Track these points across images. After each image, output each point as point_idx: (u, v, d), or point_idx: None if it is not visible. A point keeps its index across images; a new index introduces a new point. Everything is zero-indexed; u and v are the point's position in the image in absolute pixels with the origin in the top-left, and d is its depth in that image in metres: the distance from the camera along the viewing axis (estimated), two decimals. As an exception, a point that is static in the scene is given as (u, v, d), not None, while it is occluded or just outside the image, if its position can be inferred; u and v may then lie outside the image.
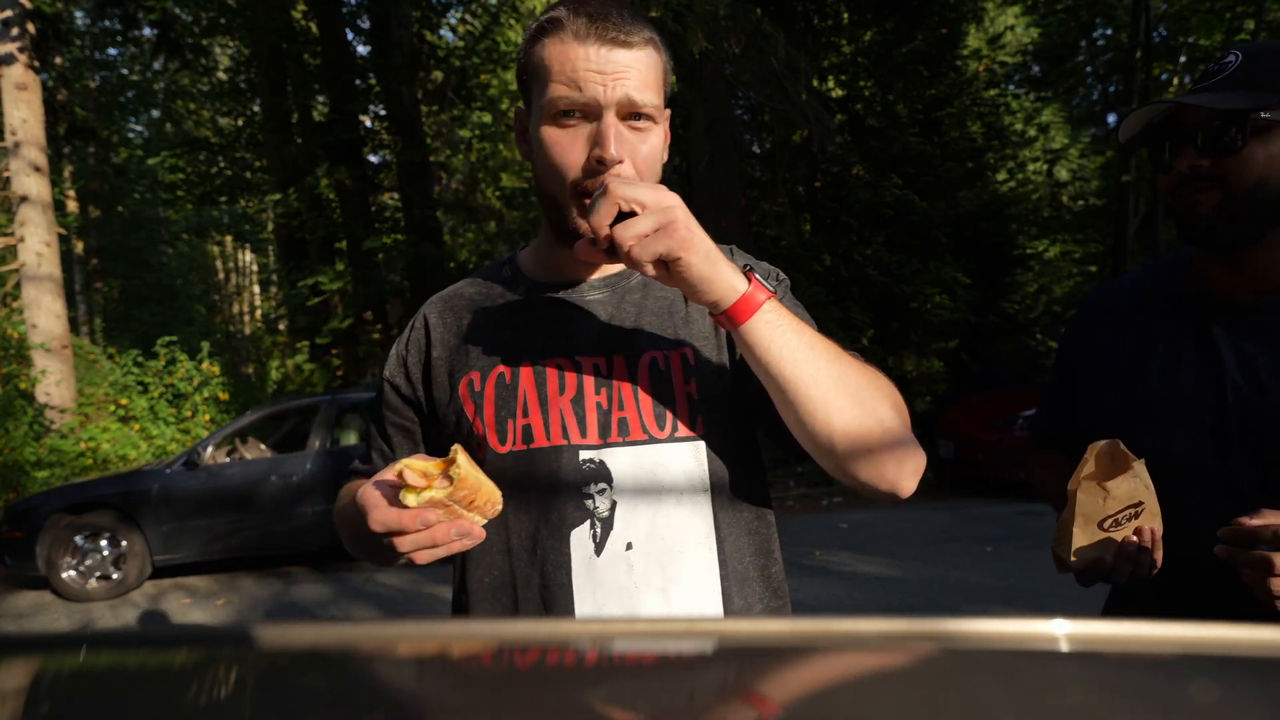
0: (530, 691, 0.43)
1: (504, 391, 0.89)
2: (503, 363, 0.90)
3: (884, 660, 0.44)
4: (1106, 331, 1.09)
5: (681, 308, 0.93)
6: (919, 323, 9.76)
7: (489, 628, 0.57)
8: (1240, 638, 0.43)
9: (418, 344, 0.97)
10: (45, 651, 0.49)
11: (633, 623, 0.68)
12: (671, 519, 0.87)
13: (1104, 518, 0.93)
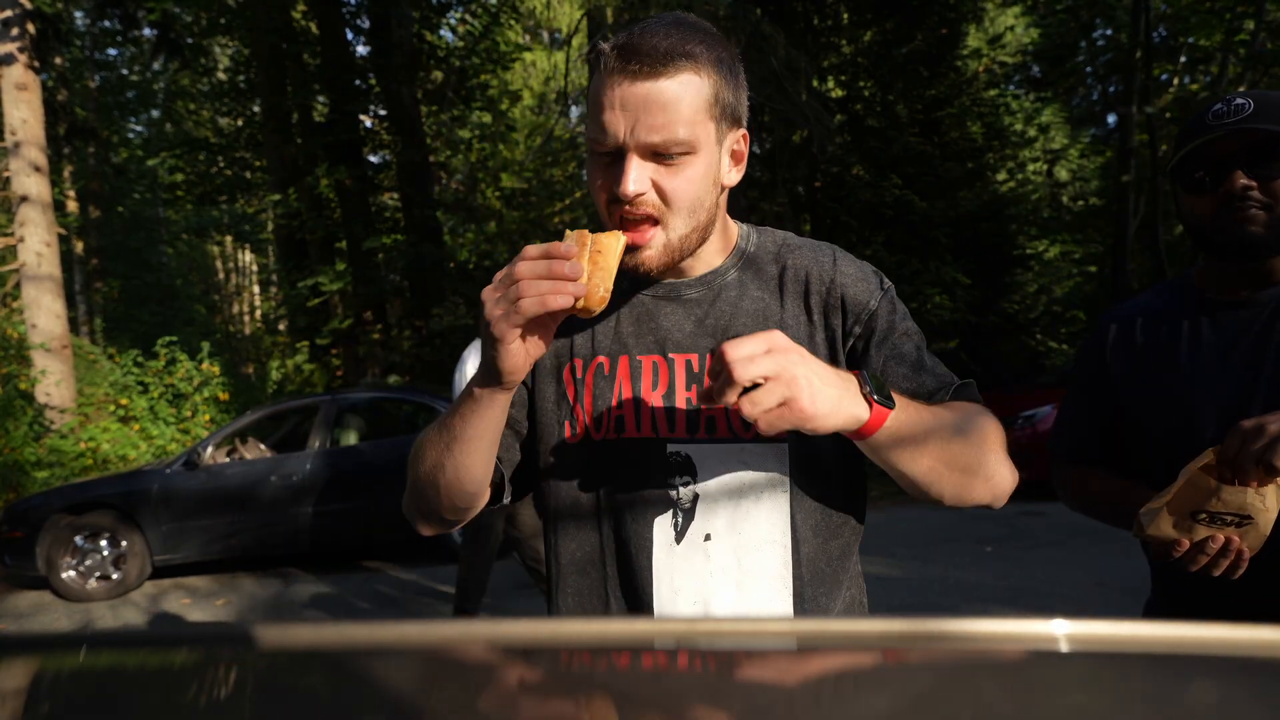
0: (530, 692, 0.43)
1: (602, 382, 0.94)
2: (602, 354, 0.95)
3: (884, 660, 0.44)
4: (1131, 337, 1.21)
5: (776, 310, 0.96)
6: (919, 323, 9.74)
7: (489, 628, 0.57)
8: (1240, 638, 0.43)
9: None
10: (45, 651, 0.49)
11: (631, 623, 0.68)
12: (750, 515, 0.91)
13: (1201, 511, 0.95)
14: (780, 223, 10.35)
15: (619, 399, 0.93)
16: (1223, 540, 0.95)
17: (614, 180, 0.85)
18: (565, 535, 0.98)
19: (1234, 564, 0.97)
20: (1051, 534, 5.47)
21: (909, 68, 10.47)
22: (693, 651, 0.48)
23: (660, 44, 0.81)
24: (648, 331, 0.95)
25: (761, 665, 0.45)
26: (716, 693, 0.42)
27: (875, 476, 4.60)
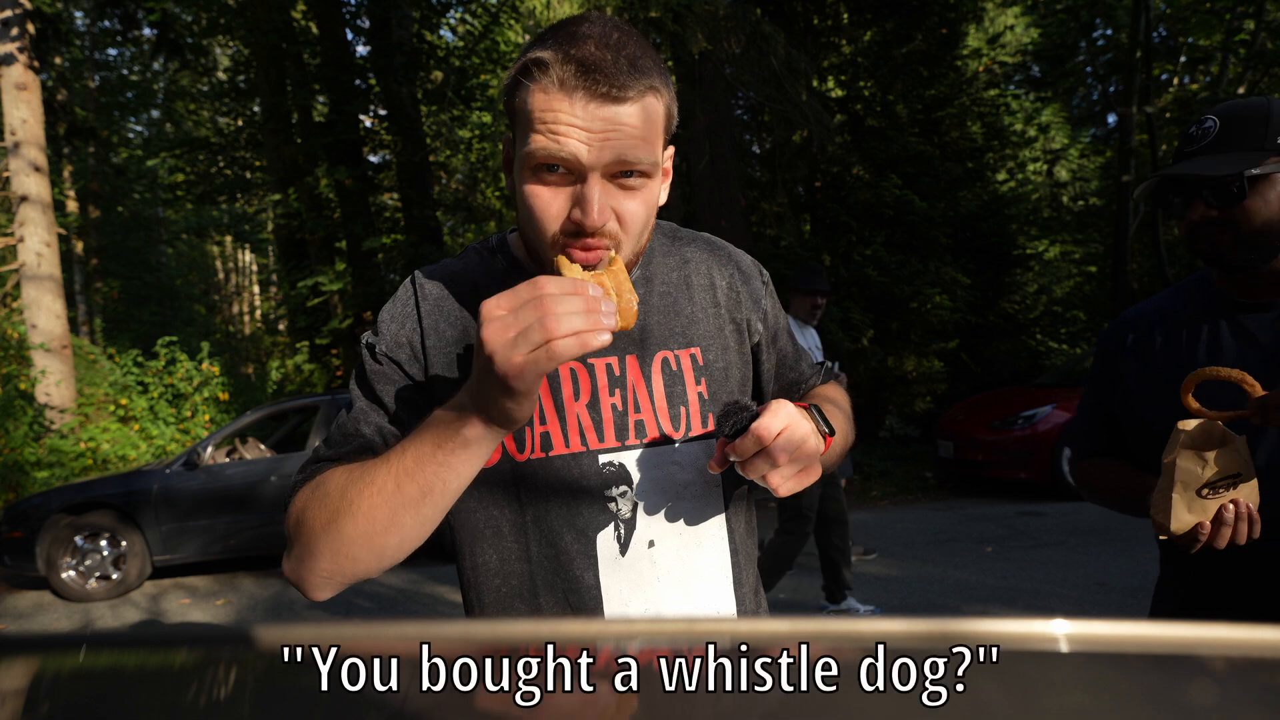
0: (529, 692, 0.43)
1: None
2: None
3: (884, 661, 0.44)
4: (1150, 337, 1.25)
5: (686, 306, 0.94)
6: (919, 323, 9.75)
7: (489, 628, 0.57)
8: (1240, 638, 0.43)
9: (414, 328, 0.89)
10: (45, 651, 0.49)
11: (630, 623, 0.68)
12: (689, 515, 0.91)
13: (1202, 485, 1.01)
14: (780, 223, 10.36)
15: (541, 414, 0.86)
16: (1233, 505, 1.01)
17: (571, 207, 0.78)
18: (486, 568, 0.90)
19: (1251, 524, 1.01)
20: (1051, 534, 5.47)
21: (909, 68, 10.46)
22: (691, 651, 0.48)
23: (621, 62, 0.75)
24: None
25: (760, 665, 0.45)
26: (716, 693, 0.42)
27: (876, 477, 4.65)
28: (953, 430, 7.39)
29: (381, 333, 0.90)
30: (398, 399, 0.88)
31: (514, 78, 0.79)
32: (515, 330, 0.66)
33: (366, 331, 0.93)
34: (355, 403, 0.90)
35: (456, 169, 14.96)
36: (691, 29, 7.28)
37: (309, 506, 0.81)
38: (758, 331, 0.98)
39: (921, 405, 10.28)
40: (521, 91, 0.77)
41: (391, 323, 0.90)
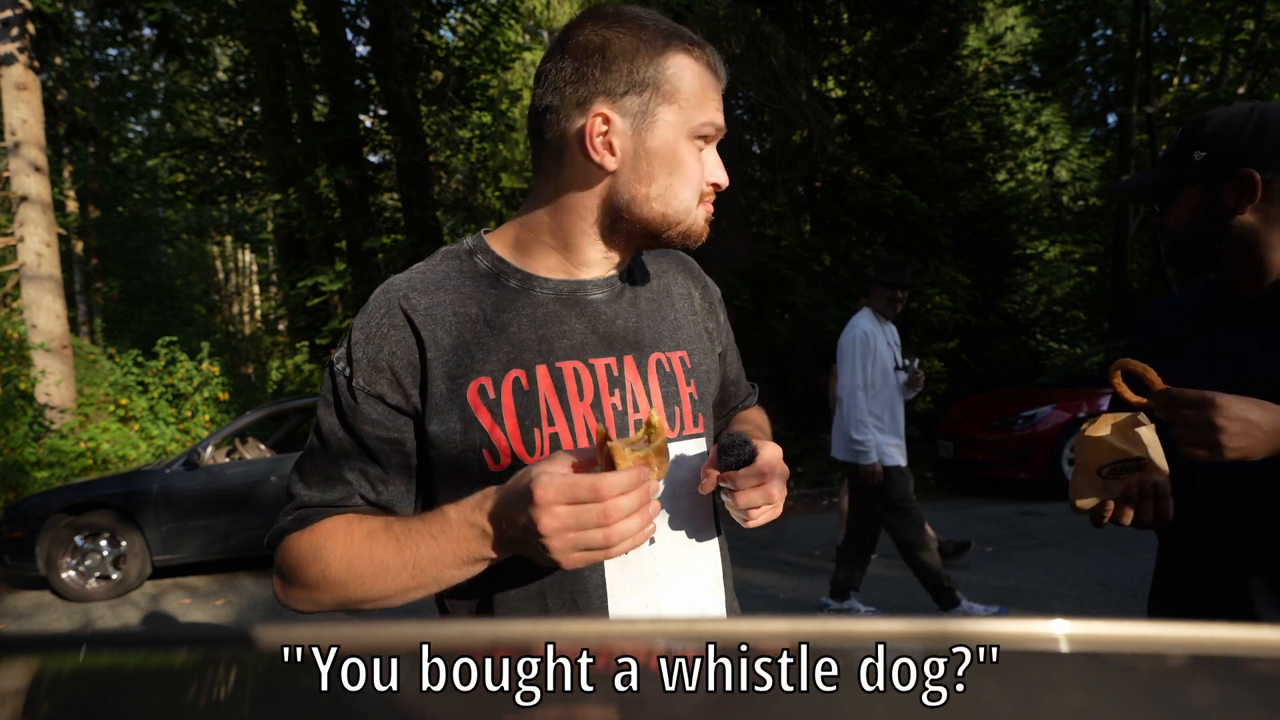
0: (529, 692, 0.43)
1: (523, 399, 0.85)
2: (516, 366, 0.86)
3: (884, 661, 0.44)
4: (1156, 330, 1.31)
5: (671, 312, 0.98)
6: (919, 323, 9.75)
7: (489, 628, 0.57)
8: (1240, 638, 0.43)
9: (405, 344, 0.85)
10: (45, 651, 0.49)
11: (630, 623, 0.68)
12: (686, 513, 0.93)
13: (1100, 466, 1.07)
14: (780, 223, 10.36)
15: (549, 415, 0.86)
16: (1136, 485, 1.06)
17: (707, 170, 0.88)
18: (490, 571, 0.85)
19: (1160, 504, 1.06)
20: (1051, 534, 5.47)
21: (909, 68, 10.46)
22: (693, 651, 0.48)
23: None
24: (560, 335, 0.88)
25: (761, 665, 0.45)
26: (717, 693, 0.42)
27: (875, 476, 4.38)
28: (953, 430, 7.39)
29: (356, 361, 0.86)
30: (379, 440, 0.87)
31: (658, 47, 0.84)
32: (576, 533, 0.71)
33: (335, 354, 0.88)
34: (330, 436, 0.87)
35: (456, 169, 14.96)
36: (691, 29, 7.29)
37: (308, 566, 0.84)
38: (720, 343, 1.06)
39: (921, 405, 10.27)
40: (675, 62, 0.85)
41: (368, 345, 0.85)
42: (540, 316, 0.88)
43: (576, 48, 0.84)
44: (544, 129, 0.88)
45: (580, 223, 0.89)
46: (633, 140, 0.84)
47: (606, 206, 0.87)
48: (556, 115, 0.86)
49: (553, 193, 0.89)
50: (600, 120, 0.84)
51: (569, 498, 0.70)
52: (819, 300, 8.78)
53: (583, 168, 0.86)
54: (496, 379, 0.85)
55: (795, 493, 7.84)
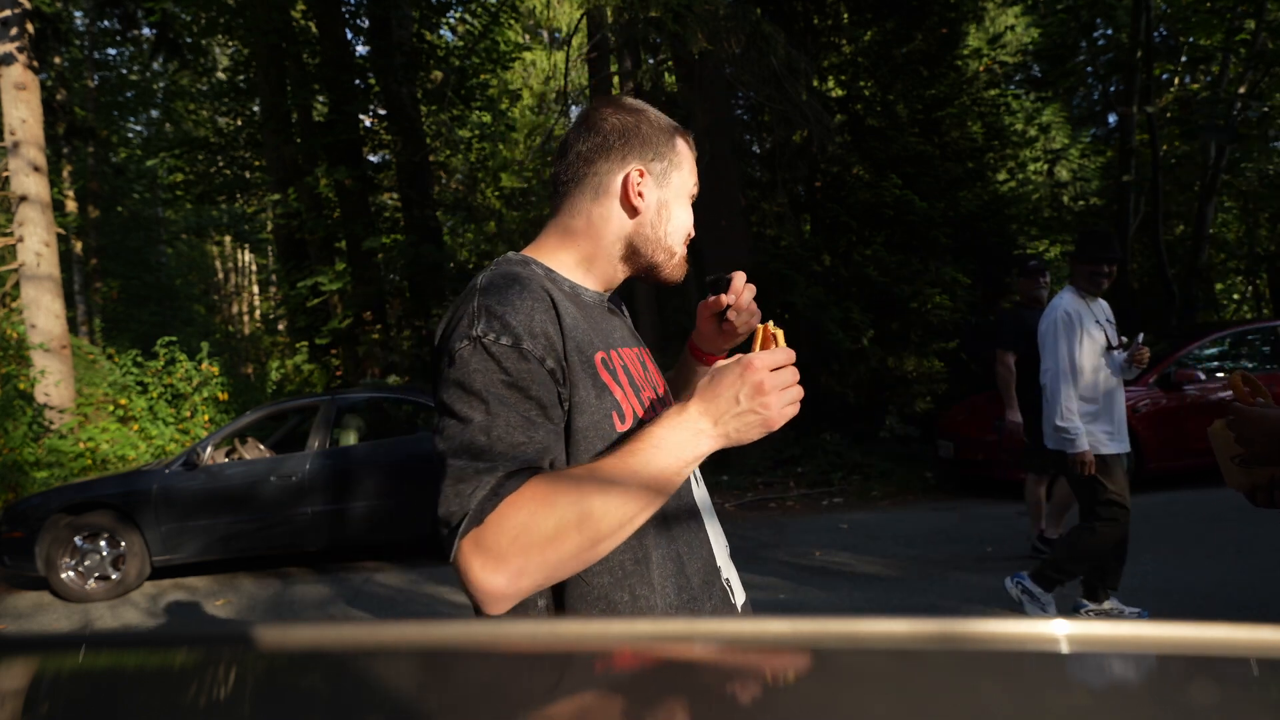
0: (529, 692, 0.43)
1: (625, 370, 1.05)
2: (610, 346, 1.05)
3: (885, 660, 0.44)
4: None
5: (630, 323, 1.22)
6: (919, 323, 9.75)
7: (489, 628, 0.57)
8: (1240, 638, 0.43)
9: (549, 315, 0.96)
10: (45, 651, 0.49)
11: (631, 623, 0.68)
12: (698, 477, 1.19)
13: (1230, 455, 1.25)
14: (780, 223, 10.36)
15: (639, 385, 1.06)
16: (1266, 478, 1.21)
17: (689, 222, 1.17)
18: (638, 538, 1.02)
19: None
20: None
21: (909, 68, 10.46)
22: (695, 651, 0.48)
23: None
24: (614, 329, 1.11)
25: (763, 665, 0.45)
26: (719, 693, 0.42)
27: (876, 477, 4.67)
28: (953, 430, 7.39)
29: (514, 328, 0.93)
30: (553, 401, 0.95)
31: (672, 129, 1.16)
32: (783, 390, 0.90)
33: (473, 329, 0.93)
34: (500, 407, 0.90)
35: (456, 169, 14.96)
36: (691, 29, 7.28)
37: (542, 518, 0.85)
38: None
39: (921, 405, 10.27)
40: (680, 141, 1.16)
41: (517, 314, 0.94)
42: (597, 314, 1.09)
43: (614, 126, 1.10)
44: (583, 181, 1.10)
45: (610, 249, 1.11)
46: (657, 193, 1.12)
47: (630, 241, 1.11)
48: (598, 171, 1.10)
49: (584, 228, 1.11)
50: (638, 174, 1.10)
51: (770, 365, 0.90)
52: (819, 300, 8.77)
53: (618, 210, 1.10)
54: (607, 353, 1.03)
55: (795, 493, 7.85)
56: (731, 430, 0.90)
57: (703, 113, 9.29)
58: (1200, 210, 12.26)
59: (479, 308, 0.94)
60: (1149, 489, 6.56)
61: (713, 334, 1.27)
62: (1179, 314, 11.23)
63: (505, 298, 0.95)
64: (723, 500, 7.73)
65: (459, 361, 0.92)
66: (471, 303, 0.95)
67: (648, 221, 1.12)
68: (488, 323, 0.93)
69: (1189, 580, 4.21)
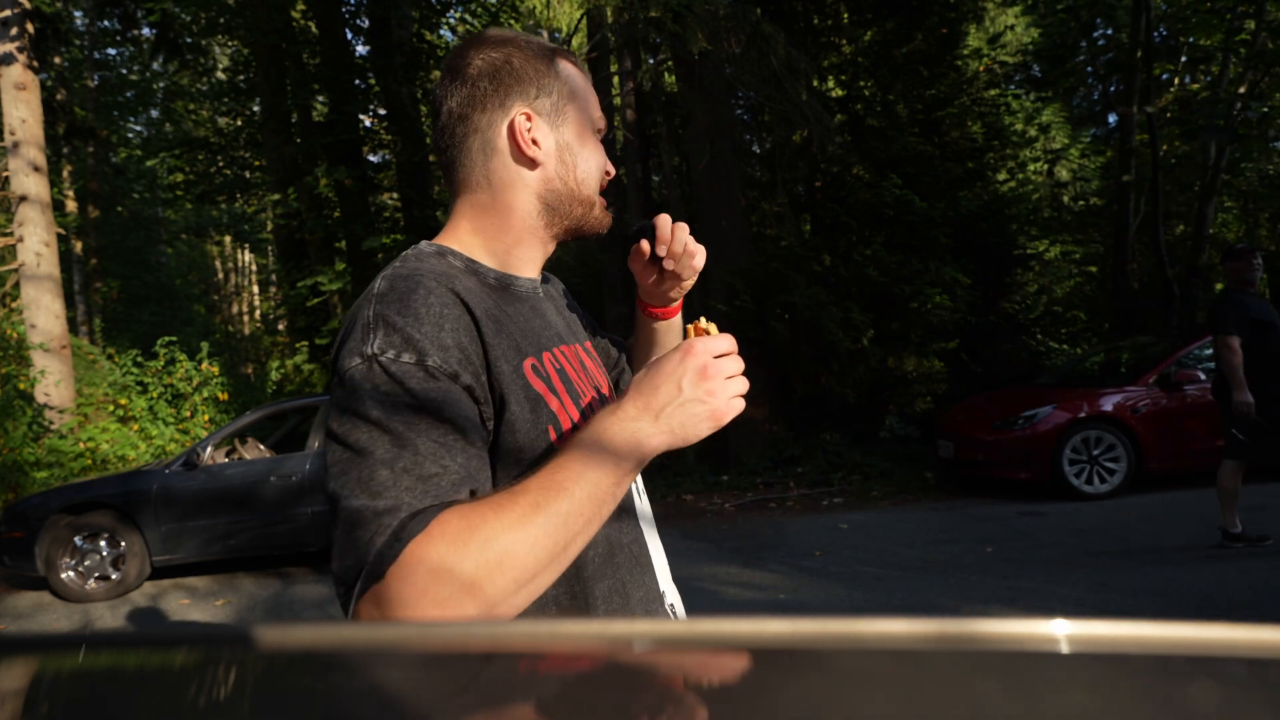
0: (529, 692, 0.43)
1: (561, 375, 0.90)
2: (543, 348, 0.90)
3: (884, 661, 0.44)
4: None
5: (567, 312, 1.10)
6: (919, 323, 9.75)
7: (489, 629, 0.57)
8: (1240, 638, 0.43)
9: (464, 322, 0.81)
10: (45, 651, 0.49)
11: (630, 624, 0.68)
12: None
13: None
14: (780, 223, 10.36)
15: (577, 390, 0.91)
16: None
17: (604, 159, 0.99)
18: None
19: None
20: (1051, 534, 5.47)
21: (909, 68, 10.46)
22: (692, 651, 0.48)
23: None
24: (547, 325, 0.96)
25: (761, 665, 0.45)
26: (717, 693, 0.42)
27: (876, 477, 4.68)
28: (953, 430, 7.39)
29: (417, 342, 0.77)
30: (468, 422, 0.78)
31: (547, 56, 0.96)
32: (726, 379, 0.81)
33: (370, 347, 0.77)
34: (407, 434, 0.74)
35: (456, 169, 14.94)
36: (691, 29, 7.28)
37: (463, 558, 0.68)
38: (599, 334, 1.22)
39: (922, 405, 10.27)
40: (566, 69, 0.96)
41: (423, 325, 0.78)
42: (530, 308, 0.94)
43: (480, 69, 0.92)
44: (465, 144, 0.93)
45: (526, 219, 0.95)
46: (553, 135, 0.94)
47: (543, 201, 0.95)
48: (478, 126, 0.92)
49: (489, 201, 0.94)
50: (524, 118, 0.92)
51: (713, 350, 0.81)
52: (819, 300, 8.78)
53: (515, 169, 0.93)
54: (539, 358, 0.88)
55: (795, 493, 7.85)
56: (676, 425, 0.78)
57: (703, 113, 9.29)
58: (1200, 210, 12.25)
59: (374, 318, 0.79)
60: (1149, 489, 6.57)
61: (656, 286, 1.10)
62: (1179, 314, 11.23)
63: (407, 305, 0.79)
64: (723, 500, 7.73)
65: (352, 384, 0.76)
66: (366, 312, 0.80)
67: (553, 172, 0.94)
68: (385, 337, 0.77)
69: (1189, 580, 4.21)
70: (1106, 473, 6.59)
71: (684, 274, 1.08)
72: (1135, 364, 7.79)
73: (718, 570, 5.17)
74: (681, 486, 8.31)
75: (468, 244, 0.94)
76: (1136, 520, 5.68)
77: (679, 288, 1.11)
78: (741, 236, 9.59)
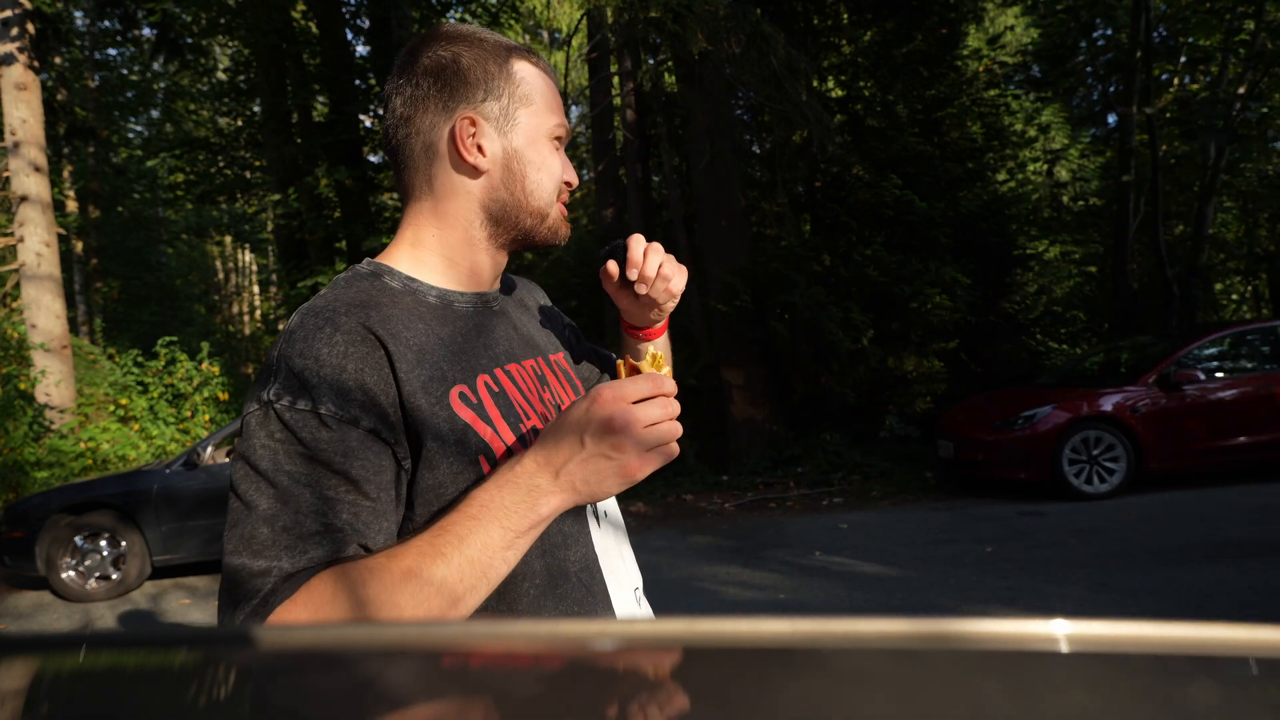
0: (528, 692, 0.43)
1: (498, 399, 0.85)
2: (480, 371, 0.85)
3: (884, 661, 0.44)
4: None
5: (533, 320, 1.05)
6: (919, 323, 9.75)
7: (489, 629, 0.57)
8: (1240, 638, 0.43)
9: (372, 359, 0.76)
10: (45, 651, 0.49)
11: (630, 624, 0.68)
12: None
13: None
14: (780, 223, 10.36)
15: (523, 410, 0.86)
16: None
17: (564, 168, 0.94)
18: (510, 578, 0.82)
19: None
20: (1051, 534, 5.47)
21: (909, 68, 10.46)
22: (691, 652, 0.48)
23: None
24: (494, 342, 0.90)
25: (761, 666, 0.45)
26: (718, 693, 0.42)
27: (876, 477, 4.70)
28: (953, 430, 7.39)
29: (314, 388, 0.74)
30: (365, 471, 0.75)
31: (503, 55, 0.89)
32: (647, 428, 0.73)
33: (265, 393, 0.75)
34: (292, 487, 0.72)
35: (456, 169, 14.94)
36: (691, 29, 7.28)
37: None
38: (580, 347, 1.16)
39: (921, 405, 10.28)
40: (523, 69, 0.90)
41: (323, 368, 0.75)
42: (473, 326, 0.89)
43: (426, 67, 0.87)
44: (408, 146, 0.89)
45: (468, 230, 0.90)
46: (499, 142, 0.88)
47: (487, 211, 0.90)
48: (420, 129, 0.88)
49: (431, 209, 0.90)
50: (468, 123, 0.87)
51: (629, 396, 0.74)
52: (819, 300, 8.78)
53: (457, 177, 0.89)
54: (471, 385, 0.83)
55: (795, 493, 7.85)
56: (579, 482, 0.73)
57: (703, 113, 9.29)
58: (1200, 210, 12.26)
59: (278, 361, 0.76)
60: (1149, 489, 6.57)
61: (634, 307, 1.04)
62: (1179, 314, 11.23)
63: (310, 346, 0.75)
64: (723, 500, 7.73)
65: (248, 431, 0.75)
66: (273, 353, 0.78)
67: (498, 182, 0.89)
68: (284, 383, 0.75)
69: (1188, 580, 4.21)
70: (1106, 473, 6.59)
71: (658, 299, 1.00)
72: (1135, 364, 7.79)
73: (718, 570, 5.17)
74: (681, 486, 8.31)
75: (410, 256, 0.90)
76: (1136, 520, 5.68)
77: (658, 309, 1.03)
78: (741, 236, 9.59)
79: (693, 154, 9.80)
